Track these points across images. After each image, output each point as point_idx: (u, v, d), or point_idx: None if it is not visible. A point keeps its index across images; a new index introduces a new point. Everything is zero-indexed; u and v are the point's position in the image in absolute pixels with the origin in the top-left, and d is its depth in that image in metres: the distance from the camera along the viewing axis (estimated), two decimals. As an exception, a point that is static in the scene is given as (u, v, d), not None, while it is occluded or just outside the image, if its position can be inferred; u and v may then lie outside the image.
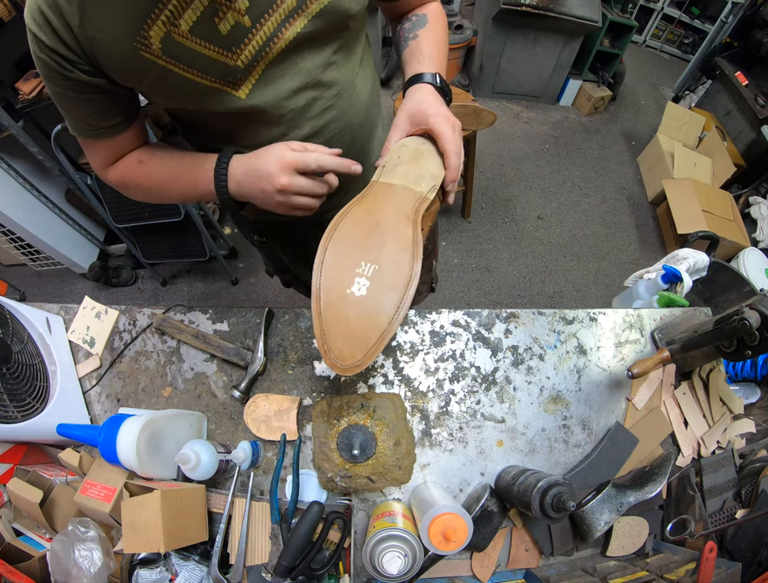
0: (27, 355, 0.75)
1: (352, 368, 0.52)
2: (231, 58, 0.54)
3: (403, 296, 0.52)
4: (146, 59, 0.51)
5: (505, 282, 2.34)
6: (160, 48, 0.51)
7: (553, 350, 0.85)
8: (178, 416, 0.75)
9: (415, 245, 0.54)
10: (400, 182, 0.60)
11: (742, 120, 2.73)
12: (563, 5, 2.67)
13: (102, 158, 0.66)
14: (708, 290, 1.64)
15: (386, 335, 0.52)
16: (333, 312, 0.53)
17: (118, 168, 0.67)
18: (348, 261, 0.54)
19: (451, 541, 0.58)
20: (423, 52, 0.68)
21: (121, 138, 0.64)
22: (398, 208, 0.58)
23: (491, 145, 2.97)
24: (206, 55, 0.53)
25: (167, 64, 0.52)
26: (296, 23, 0.54)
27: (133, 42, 0.50)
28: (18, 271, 2.31)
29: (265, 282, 2.25)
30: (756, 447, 0.83)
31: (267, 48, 0.55)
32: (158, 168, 0.67)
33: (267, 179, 0.58)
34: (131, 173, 0.67)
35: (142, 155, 0.67)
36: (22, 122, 1.59)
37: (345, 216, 0.57)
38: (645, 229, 2.69)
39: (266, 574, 0.70)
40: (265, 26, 0.53)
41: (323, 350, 0.53)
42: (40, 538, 0.69)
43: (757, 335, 0.64)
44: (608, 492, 0.72)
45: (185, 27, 0.50)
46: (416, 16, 0.73)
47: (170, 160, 0.67)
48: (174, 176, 0.66)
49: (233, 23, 0.52)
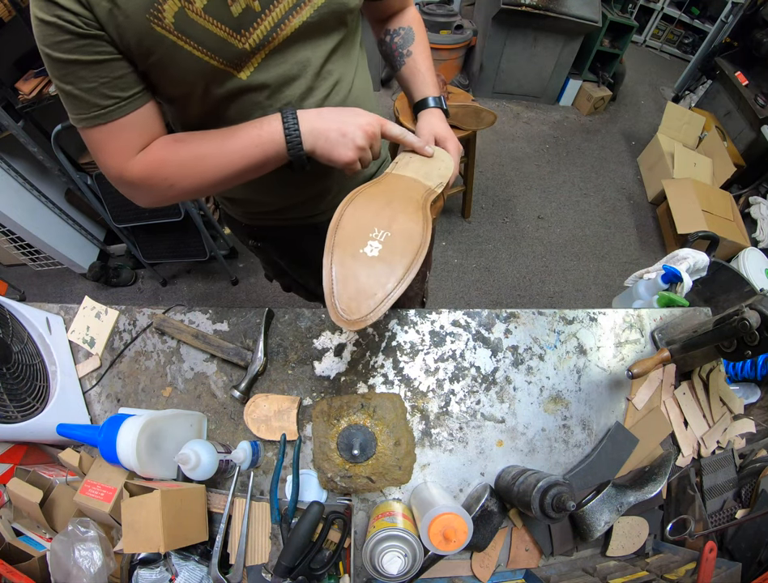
0: (27, 355, 0.75)
1: (357, 322, 0.53)
2: (239, 41, 0.55)
3: (412, 260, 0.55)
4: (157, 33, 0.51)
5: (505, 283, 2.34)
6: (172, 22, 0.51)
7: (553, 350, 0.85)
8: (178, 416, 0.75)
9: (425, 221, 0.59)
10: (412, 175, 0.68)
11: (742, 120, 2.73)
12: (563, 5, 2.68)
13: (124, 145, 0.57)
14: (708, 290, 1.64)
15: (393, 295, 0.53)
16: (344, 268, 0.55)
17: (149, 152, 0.58)
18: (363, 225, 0.57)
19: (451, 541, 0.58)
20: (421, 70, 0.79)
21: (145, 111, 0.57)
22: (409, 194, 0.64)
23: (491, 145, 2.97)
24: (217, 35, 0.54)
25: (177, 40, 0.52)
26: (302, 11, 0.56)
27: (146, 14, 0.49)
28: (18, 271, 2.31)
29: (265, 282, 2.25)
30: (756, 447, 0.83)
31: (274, 34, 0.56)
32: (202, 139, 0.59)
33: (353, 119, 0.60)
34: (166, 154, 0.59)
35: (178, 135, 0.61)
36: (22, 122, 1.59)
37: (360, 193, 0.62)
38: (645, 229, 2.69)
39: (266, 574, 0.70)
40: (274, 12, 0.55)
41: (331, 303, 0.53)
42: (40, 538, 0.69)
43: (757, 335, 0.64)
44: (608, 492, 0.72)
45: (199, 5, 0.51)
46: (403, 29, 0.80)
47: (214, 132, 0.60)
48: (227, 140, 0.58)
49: (245, 6, 0.53)
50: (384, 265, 0.54)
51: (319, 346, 0.84)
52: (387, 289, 0.53)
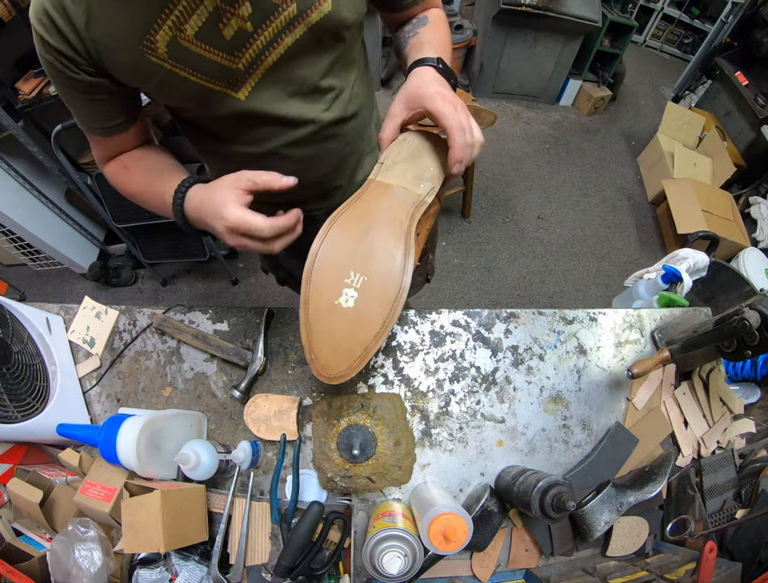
0: (27, 355, 0.75)
1: (336, 378, 0.54)
2: (233, 62, 0.55)
3: (390, 311, 0.53)
4: (152, 62, 0.52)
5: (505, 283, 2.34)
6: (165, 52, 0.51)
7: (553, 350, 0.85)
8: (178, 416, 0.75)
9: (405, 257, 0.54)
10: (398, 183, 0.58)
11: (742, 120, 2.73)
12: (563, 5, 2.67)
13: (101, 153, 0.70)
14: (708, 290, 1.64)
15: (371, 350, 0.53)
16: (320, 323, 0.53)
17: (111, 166, 0.70)
18: (338, 270, 0.54)
19: (451, 541, 0.58)
20: (423, 43, 0.67)
21: (120, 138, 0.66)
22: (392, 214, 0.56)
23: (491, 145, 2.96)
24: (211, 59, 0.54)
25: (172, 67, 0.53)
26: (295, 30, 0.55)
27: (139, 46, 0.50)
28: (18, 271, 2.31)
29: (265, 282, 2.25)
30: (756, 447, 0.83)
31: (267, 52, 0.56)
32: (139, 177, 0.68)
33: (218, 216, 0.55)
34: (119, 176, 0.70)
35: (129, 161, 0.69)
36: (22, 122, 1.59)
37: (336, 221, 0.56)
38: (645, 229, 2.69)
39: (266, 574, 0.70)
40: (266, 32, 0.54)
41: (310, 358, 0.54)
42: (40, 538, 0.69)
43: (757, 335, 0.64)
44: (608, 492, 0.72)
45: (190, 32, 0.51)
46: (417, 19, 0.73)
47: (149, 173, 0.68)
48: (149, 191, 0.67)
49: (237, 28, 0.52)
50: (360, 320, 0.53)
51: (319, 346, 0.84)
52: (365, 344, 0.53)
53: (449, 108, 0.55)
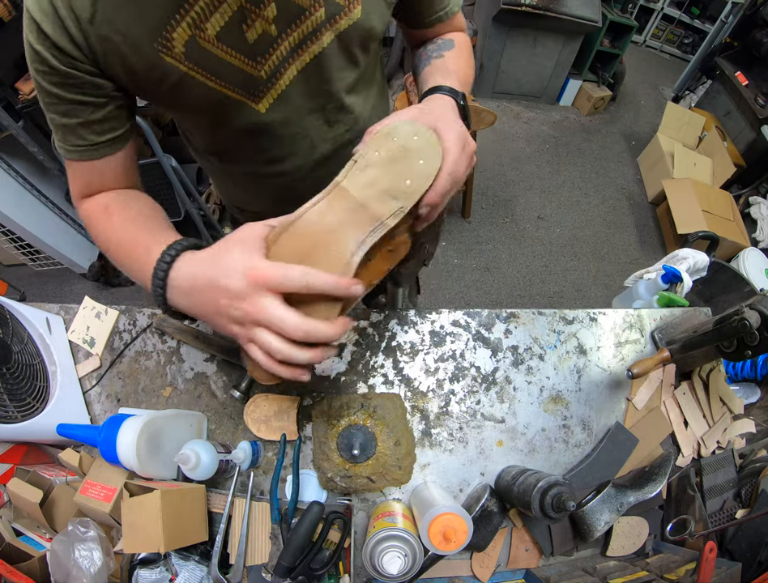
0: (27, 355, 0.75)
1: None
2: (255, 68, 0.51)
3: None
4: (166, 63, 0.47)
5: (505, 282, 2.34)
6: (183, 52, 0.47)
7: (553, 350, 0.85)
8: (178, 416, 0.75)
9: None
10: (360, 195, 0.45)
11: (742, 120, 2.73)
12: (563, 5, 2.68)
13: (79, 185, 0.58)
14: (708, 290, 1.64)
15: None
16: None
17: (89, 204, 0.58)
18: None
19: (451, 541, 0.58)
20: (449, 69, 0.60)
21: (106, 163, 0.55)
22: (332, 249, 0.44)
23: (491, 145, 2.97)
24: (232, 63, 0.49)
25: (189, 70, 0.48)
26: (323, 37, 0.51)
27: (153, 43, 0.45)
28: (18, 271, 2.31)
29: (265, 282, 2.25)
30: (756, 447, 0.83)
31: (291, 60, 0.51)
32: (120, 228, 0.55)
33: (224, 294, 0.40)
34: (96, 219, 0.58)
35: (112, 203, 0.57)
36: (22, 122, 1.59)
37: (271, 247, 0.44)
38: (645, 229, 2.69)
39: (266, 574, 0.70)
40: (291, 36, 0.50)
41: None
42: (40, 538, 0.69)
43: (757, 335, 0.64)
44: (608, 492, 0.72)
45: (211, 32, 0.46)
46: (442, 40, 0.67)
47: (134, 226, 0.54)
48: (130, 249, 0.52)
49: (261, 31, 0.48)
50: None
51: (319, 346, 0.84)
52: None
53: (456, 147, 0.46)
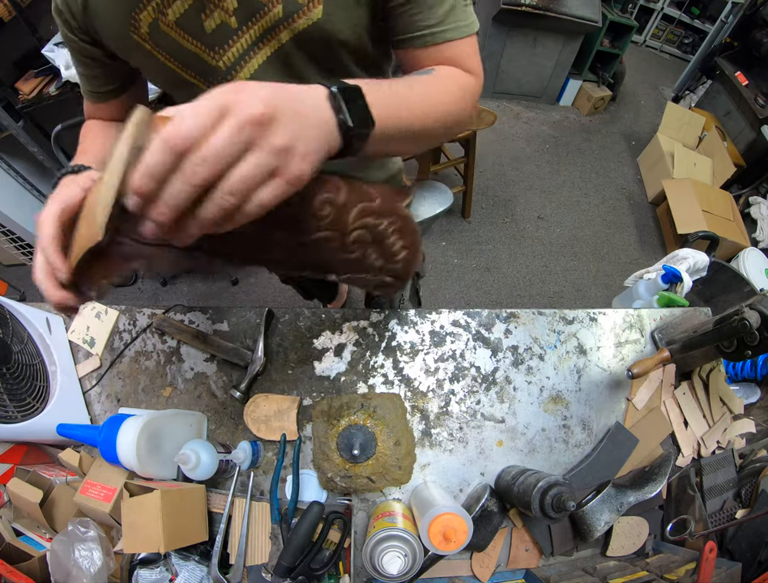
0: (27, 355, 0.75)
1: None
2: (212, 57, 0.54)
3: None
4: (134, 40, 0.53)
5: (505, 282, 2.34)
6: (147, 32, 0.52)
7: (553, 350, 0.85)
8: (178, 416, 0.75)
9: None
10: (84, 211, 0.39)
11: (742, 120, 2.73)
12: (563, 5, 2.68)
13: (87, 110, 0.71)
14: (708, 290, 1.64)
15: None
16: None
17: (87, 123, 0.71)
18: None
19: (451, 541, 0.58)
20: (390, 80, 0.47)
21: (107, 106, 0.68)
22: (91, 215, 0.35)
23: (491, 145, 2.96)
24: (189, 49, 0.54)
25: (152, 49, 0.54)
26: (280, 34, 0.51)
27: (125, 22, 0.52)
28: (18, 271, 2.30)
29: (265, 282, 2.25)
30: (756, 447, 0.83)
31: (250, 54, 0.53)
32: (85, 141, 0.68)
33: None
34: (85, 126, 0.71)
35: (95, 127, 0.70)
36: (22, 122, 1.59)
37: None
38: (645, 229, 2.69)
39: (266, 574, 0.70)
40: (250, 30, 0.51)
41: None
42: (40, 538, 0.69)
43: (757, 335, 0.63)
44: (608, 492, 0.72)
45: (171, 18, 0.51)
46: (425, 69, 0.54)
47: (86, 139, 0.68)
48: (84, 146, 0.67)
49: (219, 22, 0.51)
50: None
51: (319, 346, 0.84)
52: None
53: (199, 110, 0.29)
